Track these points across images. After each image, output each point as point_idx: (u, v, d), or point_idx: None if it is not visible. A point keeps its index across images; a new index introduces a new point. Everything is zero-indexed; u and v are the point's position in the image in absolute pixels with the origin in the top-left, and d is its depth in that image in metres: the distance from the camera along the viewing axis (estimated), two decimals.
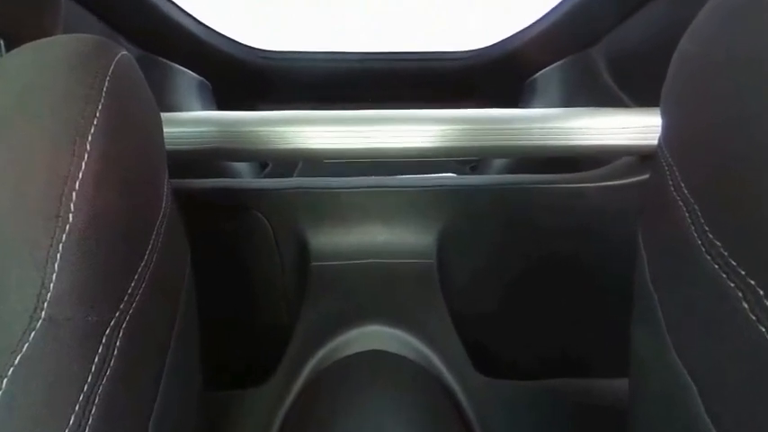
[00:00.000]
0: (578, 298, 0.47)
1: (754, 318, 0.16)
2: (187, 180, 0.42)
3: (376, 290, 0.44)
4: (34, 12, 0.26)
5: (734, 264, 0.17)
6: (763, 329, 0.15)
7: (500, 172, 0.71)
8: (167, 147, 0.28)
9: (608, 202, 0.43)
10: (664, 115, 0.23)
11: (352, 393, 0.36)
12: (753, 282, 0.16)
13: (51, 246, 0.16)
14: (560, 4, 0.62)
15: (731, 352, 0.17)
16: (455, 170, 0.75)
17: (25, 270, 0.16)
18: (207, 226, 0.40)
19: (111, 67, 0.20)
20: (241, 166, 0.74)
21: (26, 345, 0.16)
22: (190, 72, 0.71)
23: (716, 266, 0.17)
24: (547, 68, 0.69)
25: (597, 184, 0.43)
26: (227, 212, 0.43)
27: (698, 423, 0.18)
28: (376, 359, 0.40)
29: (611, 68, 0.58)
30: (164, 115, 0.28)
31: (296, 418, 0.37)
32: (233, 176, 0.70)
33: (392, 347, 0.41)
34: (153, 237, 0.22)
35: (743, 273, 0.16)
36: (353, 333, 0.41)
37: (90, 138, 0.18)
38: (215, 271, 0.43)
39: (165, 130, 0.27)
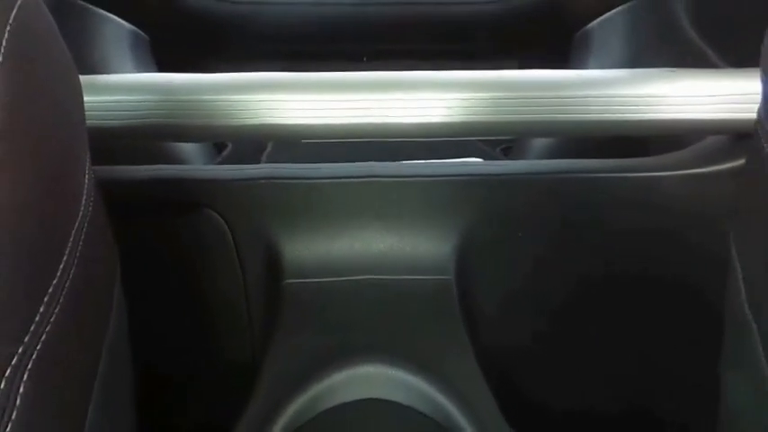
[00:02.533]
0: (649, 328, 0.47)
1: None
2: (117, 168, 0.42)
3: (372, 316, 0.44)
4: None
5: None
6: None
7: (542, 157, 0.71)
8: (89, 122, 0.28)
9: (690, 196, 0.44)
10: (766, 79, 0.24)
11: None
12: None
13: None
14: None
15: None
16: (482, 154, 0.76)
17: None
18: (143, 229, 0.40)
19: (12, 14, 0.20)
20: (189, 149, 0.74)
21: None
22: (119, 20, 0.71)
23: None
24: (605, 16, 0.70)
25: (676, 172, 0.43)
26: (170, 210, 0.43)
27: None
28: (373, 411, 0.40)
29: (692, 13, 0.59)
30: (84, 79, 0.28)
31: None
32: (178, 162, 0.70)
33: (395, 395, 0.41)
34: (70, 243, 0.22)
35: None
36: (341, 376, 0.41)
37: None
38: (155, 291, 0.43)
39: (85, 98, 0.27)
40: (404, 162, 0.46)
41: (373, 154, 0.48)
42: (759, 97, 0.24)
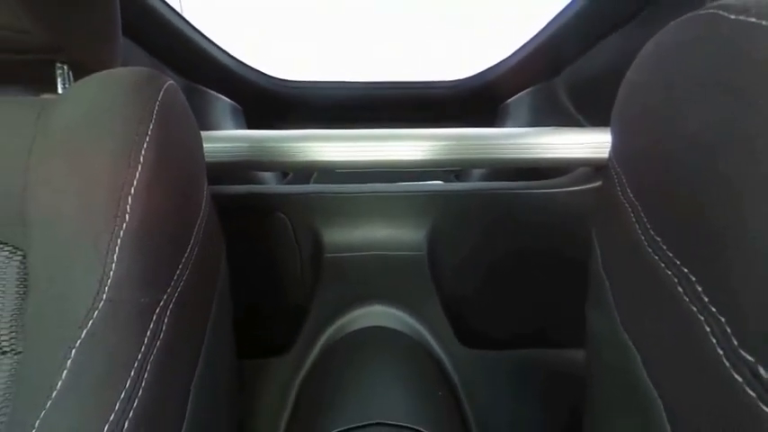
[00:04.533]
0: (546, 282, 0.47)
1: (686, 299, 0.16)
2: (223, 186, 0.42)
3: (377, 276, 0.44)
4: (98, 46, 0.27)
5: (670, 255, 0.17)
6: (695, 309, 0.15)
7: (479, 179, 0.71)
8: (206, 159, 0.28)
9: (568, 205, 0.43)
10: (613, 133, 0.23)
11: (358, 362, 0.36)
12: (686, 270, 0.16)
13: (111, 240, 0.16)
14: (528, 42, 0.62)
15: (668, 327, 0.17)
16: (442, 178, 0.75)
17: (90, 260, 0.16)
18: (239, 224, 0.40)
19: (160, 95, 0.20)
20: (267, 175, 0.74)
21: (90, 321, 0.16)
22: (224, 98, 0.71)
23: (656, 257, 0.17)
24: (517, 95, 0.69)
25: (560, 189, 0.43)
26: (256, 213, 0.43)
27: (641, 387, 0.18)
28: (377, 333, 0.40)
29: (571, 95, 0.58)
30: (203, 133, 0.28)
31: (312, 382, 0.37)
32: (260, 183, 0.70)
33: (390, 324, 0.41)
34: (194, 233, 0.22)
35: (678, 263, 0.16)
36: (359, 312, 0.41)
37: (143, 152, 0.18)
38: (245, 261, 0.43)
39: (204, 145, 0.27)
40: (396, 183, 0.45)
41: (378, 178, 0.48)
42: (609, 144, 0.24)
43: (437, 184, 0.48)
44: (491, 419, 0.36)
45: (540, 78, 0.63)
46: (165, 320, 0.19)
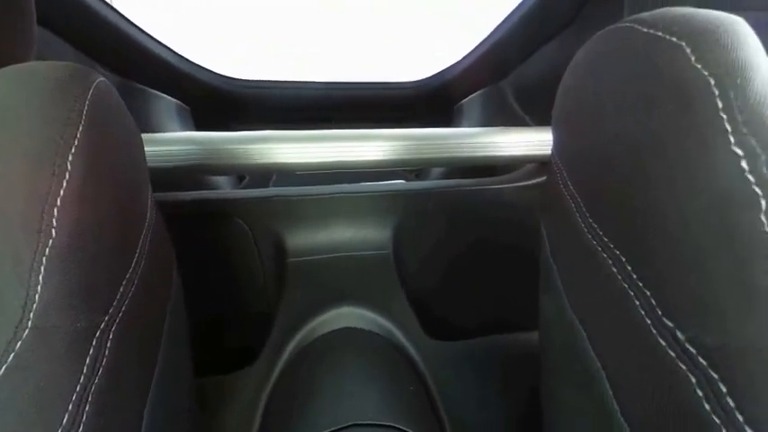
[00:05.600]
0: (502, 272, 0.49)
1: (620, 278, 0.18)
2: (173, 193, 0.39)
3: (344, 277, 0.43)
4: (7, 39, 0.23)
5: (606, 240, 0.19)
6: (626, 286, 0.17)
7: (438, 177, 0.73)
8: (150, 164, 0.25)
9: (518, 199, 0.46)
10: (554, 132, 0.25)
11: (329, 365, 0.35)
12: (618, 252, 0.18)
13: (34, 259, 0.14)
14: (478, 46, 0.66)
15: (606, 304, 0.19)
16: (403, 177, 0.77)
17: (9, 283, 0.14)
18: (193, 233, 0.37)
19: (90, 92, 0.18)
20: (220, 180, 0.69)
21: (12, 354, 0.14)
22: (168, 97, 0.65)
23: (594, 242, 0.19)
24: (470, 97, 0.72)
25: (510, 185, 0.46)
26: (211, 220, 0.40)
27: (587, 360, 0.20)
28: (347, 335, 0.40)
29: (517, 97, 0.62)
30: (145, 136, 0.25)
31: (281, 392, 0.35)
32: (214, 188, 0.66)
33: (360, 324, 0.41)
34: (139, 245, 0.20)
35: (612, 246, 0.18)
36: (327, 315, 0.40)
37: (71, 158, 0.16)
38: (202, 272, 0.40)
39: (146, 149, 0.24)
40: (358, 184, 0.45)
41: (340, 179, 0.47)
42: (551, 142, 0.26)
43: (400, 183, 0.49)
44: (461, 406, 0.38)
45: (490, 81, 0.67)
46: (108, 345, 0.17)
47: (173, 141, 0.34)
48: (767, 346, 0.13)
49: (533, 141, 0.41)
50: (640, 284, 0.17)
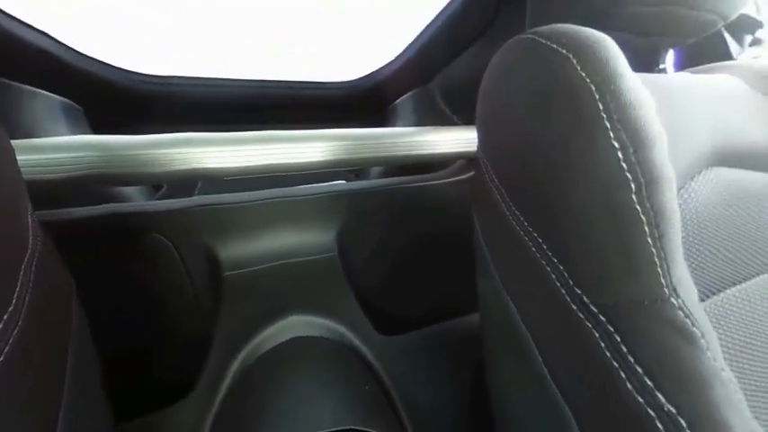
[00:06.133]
0: (443, 262, 0.52)
1: (539, 257, 0.20)
2: (65, 210, 0.32)
3: (289, 286, 0.41)
4: None
5: (526, 225, 0.21)
6: (544, 263, 0.20)
7: (377, 176, 0.74)
8: (28, 176, 0.21)
9: (452, 192, 0.49)
10: (478, 131, 0.28)
11: (279, 379, 0.33)
12: (536, 234, 0.21)
13: None
14: (404, 51, 0.68)
15: (531, 281, 0.22)
16: (344, 178, 0.76)
17: None
18: (100, 254, 0.32)
19: None
20: (131, 190, 0.60)
21: None
22: (51, 95, 0.54)
23: (518, 228, 0.22)
24: (402, 97, 0.75)
25: (444, 180, 0.49)
26: (125, 238, 0.35)
27: (520, 333, 0.23)
28: (296, 345, 0.38)
29: (444, 98, 0.66)
30: (18, 142, 0.20)
31: (226, 417, 0.32)
32: (123, 200, 0.56)
33: (309, 331, 0.39)
34: (20, 277, 0.16)
35: (531, 230, 0.21)
36: (273, 328, 0.38)
37: None
38: (116, 298, 0.35)
39: (20, 157, 0.20)
40: (297, 187, 0.44)
41: (277, 183, 0.45)
42: (476, 140, 0.29)
43: (342, 183, 0.48)
44: (416, 395, 0.39)
45: (419, 83, 0.70)
46: None
47: (60, 147, 0.28)
48: (645, 300, 0.17)
49: (462, 139, 0.44)
50: (555, 261, 0.20)
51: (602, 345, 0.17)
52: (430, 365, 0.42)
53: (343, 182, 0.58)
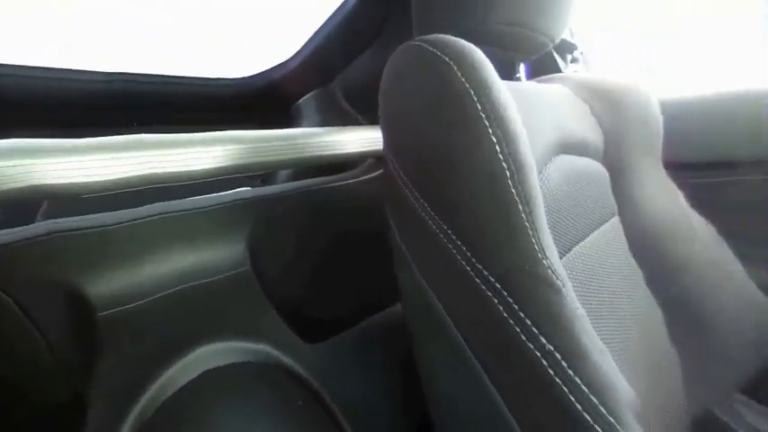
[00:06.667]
0: (363, 259, 0.53)
1: (445, 241, 0.23)
2: None
3: (193, 314, 0.36)
4: None
5: (432, 214, 0.24)
6: (450, 246, 0.23)
7: (286, 180, 0.71)
8: None
9: (364, 190, 0.50)
10: (382, 131, 0.30)
11: (196, 425, 0.29)
12: (441, 222, 0.23)
13: None
14: (302, 49, 0.66)
15: (442, 265, 0.24)
16: (248, 183, 0.70)
17: None
18: None
19: None
20: None
21: None
22: None
23: (426, 218, 0.24)
24: (305, 98, 0.73)
25: (355, 179, 0.50)
26: None
27: (438, 314, 0.25)
28: (210, 379, 0.33)
29: (347, 99, 0.67)
30: None
31: None
32: None
33: (225, 360, 0.35)
34: None
35: (437, 218, 0.23)
36: (176, 367, 0.32)
37: None
38: None
39: None
40: (195, 198, 0.38)
41: (160, 197, 0.38)
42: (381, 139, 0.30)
43: (247, 190, 0.44)
44: (352, 397, 0.39)
45: (320, 83, 0.70)
46: None
47: None
48: (525, 265, 0.21)
49: (369, 138, 0.45)
50: (459, 243, 0.22)
51: (501, 308, 0.21)
52: (361, 364, 0.43)
53: (248, 189, 0.54)
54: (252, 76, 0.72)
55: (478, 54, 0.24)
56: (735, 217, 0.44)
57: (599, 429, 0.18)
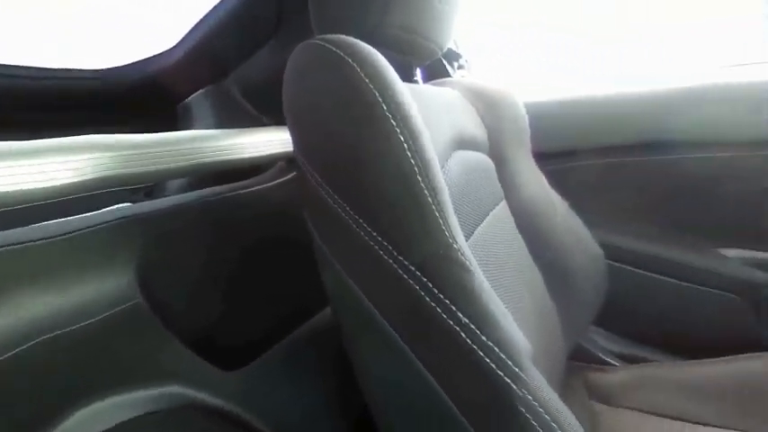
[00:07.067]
0: (280, 268, 0.49)
1: (367, 239, 0.24)
2: None
3: (74, 365, 0.28)
4: None
5: (351, 212, 0.24)
6: (371, 242, 0.24)
7: (178, 191, 0.61)
8: None
9: (277, 195, 0.48)
10: (291, 131, 0.29)
11: None
12: (360, 219, 0.24)
13: None
14: (182, 41, 0.58)
15: (364, 260, 0.25)
16: (130, 199, 0.58)
17: None
18: None
19: None
20: None
21: None
22: None
23: (345, 217, 0.25)
24: (194, 95, 0.64)
25: (265, 185, 0.47)
26: None
27: (366, 309, 0.26)
28: None
29: (247, 97, 0.62)
30: None
31: None
32: None
33: (121, 416, 0.28)
34: None
35: (356, 216, 0.24)
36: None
37: None
38: None
39: None
40: (47, 223, 0.29)
41: (9, 224, 0.28)
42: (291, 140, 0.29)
43: (128, 207, 0.37)
44: (285, 415, 0.37)
45: (211, 79, 0.62)
46: None
47: None
48: (440, 251, 0.23)
49: (278, 140, 0.43)
50: (380, 239, 0.23)
51: (423, 293, 0.23)
52: (293, 377, 0.41)
53: (129, 204, 0.44)
54: (122, 67, 0.59)
55: (379, 56, 0.25)
56: (579, 193, 0.58)
57: (508, 380, 0.21)
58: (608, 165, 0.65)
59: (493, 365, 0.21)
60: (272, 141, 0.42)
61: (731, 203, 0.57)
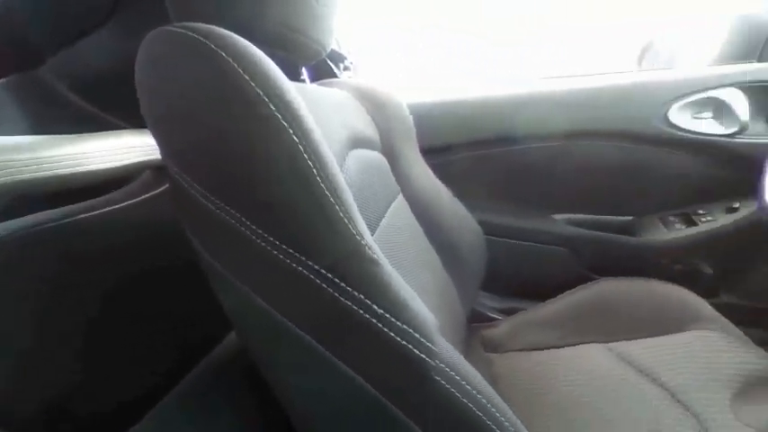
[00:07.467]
0: (165, 298, 0.42)
1: (264, 245, 0.22)
2: None
3: None
4: None
5: (244, 219, 0.22)
6: (269, 248, 0.22)
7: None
8: None
9: (143, 213, 0.39)
10: (155, 134, 0.24)
11: None
12: (255, 227, 0.22)
13: None
14: None
15: (268, 272, 0.23)
16: None
17: None
18: None
19: None
20: None
21: None
22: None
23: (237, 225, 0.22)
24: None
25: (127, 202, 0.38)
26: None
27: (275, 322, 0.24)
28: None
29: (79, 91, 0.48)
30: None
31: None
32: None
33: None
34: None
35: (251, 224, 0.22)
36: None
37: None
38: None
39: None
40: None
41: None
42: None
43: None
44: None
45: (17, 66, 0.46)
46: None
47: None
48: (351, 250, 0.23)
49: (139, 147, 0.35)
50: (284, 246, 0.22)
51: (337, 294, 0.23)
52: (203, 417, 0.35)
53: None
54: None
55: (256, 50, 0.23)
56: (459, 181, 0.68)
57: (423, 356, 0.23)
58: (478, 156, 0.79)
59: (410, 346, 0.23)
60: (135, 148, 0.35)
61: (560, 180, 0.77)
